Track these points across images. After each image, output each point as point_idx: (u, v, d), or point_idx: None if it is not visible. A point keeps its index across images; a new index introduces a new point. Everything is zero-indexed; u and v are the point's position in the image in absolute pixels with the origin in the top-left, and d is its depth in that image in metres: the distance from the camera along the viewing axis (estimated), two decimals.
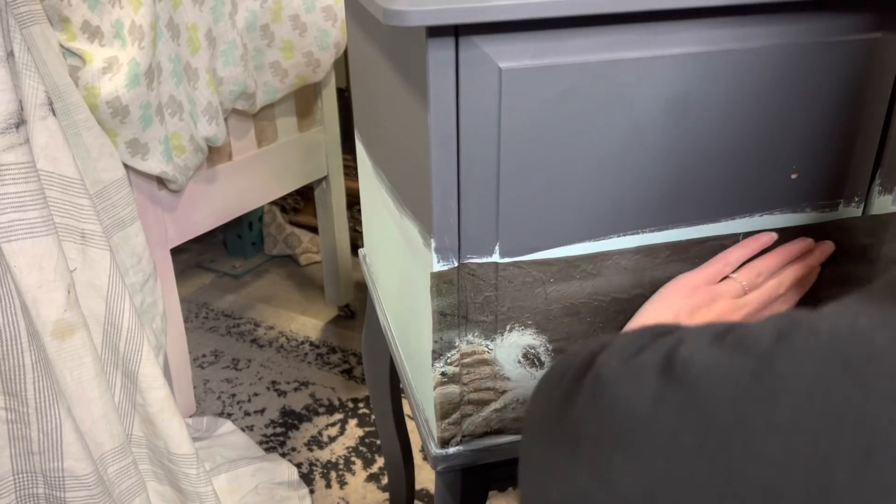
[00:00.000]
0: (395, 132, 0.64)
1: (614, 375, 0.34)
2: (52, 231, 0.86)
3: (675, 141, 0.56)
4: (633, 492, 0.31)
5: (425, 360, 0.62)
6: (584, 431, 0.34)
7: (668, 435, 0.30)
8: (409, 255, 0.65)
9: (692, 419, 0.30)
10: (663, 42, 0.53)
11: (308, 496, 1.23)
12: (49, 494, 0.91)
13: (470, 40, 0.50)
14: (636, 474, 0.31)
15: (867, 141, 0.60)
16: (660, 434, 0.31)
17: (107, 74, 0.99)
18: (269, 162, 1.39)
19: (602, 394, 0.34)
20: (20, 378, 0.84)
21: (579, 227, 0.58)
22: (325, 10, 1.30)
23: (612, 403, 0.33)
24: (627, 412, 0.32)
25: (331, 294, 1.71)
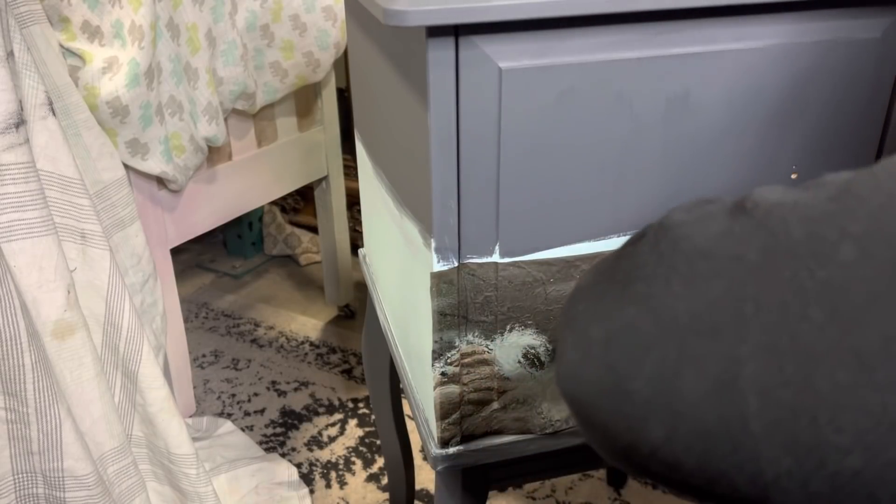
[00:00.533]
0: (395, 132, 0.64)
1: (679, 221, 0.33)
2: (51, 231, 0.86)
3: (675, 141, 0.56)
4: (683, 315, 0.30)
5: (425, 360, 0.62)
6: (639, 273, 0.33)
7: (730, 257, 0.30)
8: (409, 255, 0.65)
9: (759, 240, 0.30)
10: (663, 42, 0.53)
11: (308, 496, 1.23)
12: (49, 494, 0.91)
13: (470, 40, 0.50)
14: (689, 298, 0.30)
15: (867, 141, 0.60)
16: (722, 258, 0.30)
17: (107, 74, 0.99)
18: (269, 162, 1.39)
19: (664, 237, 0.33)
20: (20, 378, 0.84)
21: (579, 227, 0.58)
22: (325, 10, 1.30)
23: (674, 243, 0.33)
24: (690, 247, 0.32)
25: (331, 294, 1.71)
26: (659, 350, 0.31)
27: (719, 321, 0.29)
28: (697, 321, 0.30)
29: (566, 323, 0.37)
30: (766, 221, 0.30)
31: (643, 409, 0.31)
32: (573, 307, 0.37)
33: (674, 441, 0.30)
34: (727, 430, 0.29)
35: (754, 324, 0.28)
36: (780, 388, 0.28)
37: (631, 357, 0.32)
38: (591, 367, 0.33)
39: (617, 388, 0.32)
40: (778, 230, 0.29)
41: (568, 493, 1.24)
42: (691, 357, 0.30)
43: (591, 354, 0.34)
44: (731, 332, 0.29)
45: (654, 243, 0.34)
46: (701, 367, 0.29)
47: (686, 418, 0.30)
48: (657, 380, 0.31)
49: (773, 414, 0.28)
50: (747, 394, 0.28)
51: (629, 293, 0.33)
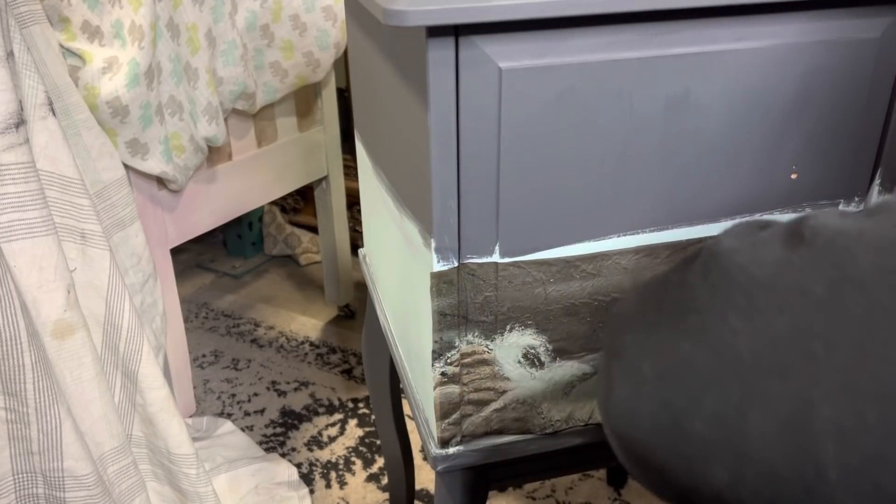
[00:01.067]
0: (395, 132, 0.64)
1: (731, 248, 0.32)
2: (51, 231, 0.86)
3: (675, 141, 0.56)
4: (745, 352, 0.29)
5: (425, 360, 0.62)
6: (691, 305, 0.31)
7: (793, 291, 0.28)
8: (409, 255, 0.65)
9: (823, 272, 0.28)
10: (663, 42, 0.53)
11: (308, 496, 1.23)
12: (49, 494, 0.91)
13: (470, 40, 0.50)
14: (751, 334, 0.29)
15: (867, 140, 0.60)
16: (784, 291, 0.28)
17: (107, 74, 0.99)
18: (269, 162, 1.39)
19: (716, 266, 0.31)
20: (20, 378, 0.84)
21: (579, 227, 0.58)
22: (325, 10, 1.30)
23: (728, 273, 0.31)
24: (746, 278, 0.30)
25: (331, 294, 1.71)
26: (720, 388, 0.29)
27: (787, 360, 0.28)
28: (762, 359, 0.28)
29: (612, 355, 0.35)
30: (828, 252, 0.28)
31: (704, 451, 0.29)
32: (618, 338, 0.35)
33: (740, 485, 0.29)
34: (800, 476, 0.27)
35: (826, 364, 0.27)
36: (861, 433, 0.26)
37: (689, 394, 0.30)
38: (645, 404, 0.32)
39: (674, 427, 0.30)
40: (844, 262, 0.28)
41: (568, 493, 1.24)
42: (758, 397, 0.28)
43: (644, 391, 0.32)
44: (801, 373, 0.27)
45: (704, 272, 0.32)
46: (769, 408, 0.28)
47: (753, 462, 0.28)
48: (719, 420, 0.29)
49: (852, 461, 0.26)
50: (823, 439, 0.27)
51: (682, 326, 0.31)
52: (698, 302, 0.31)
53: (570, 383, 0.64)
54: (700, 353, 0.30)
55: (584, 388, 0.65)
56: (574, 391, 0.64)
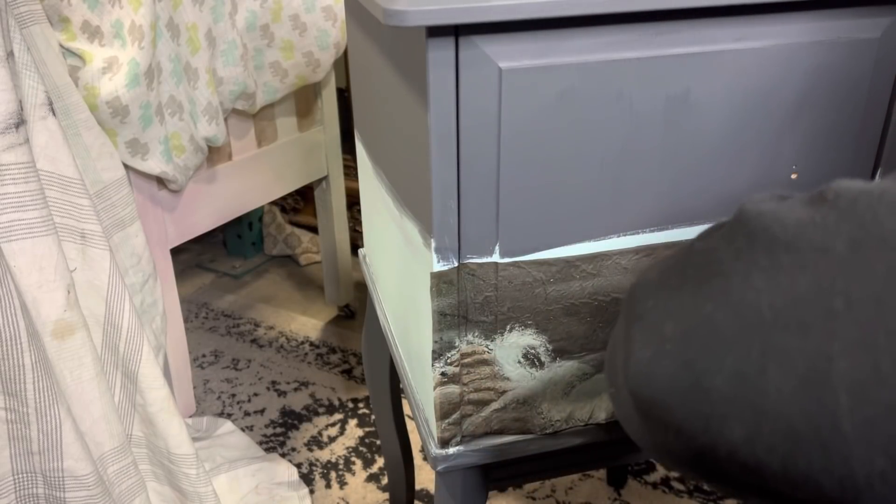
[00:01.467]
0: (395, 132, 0.64)
1: (755, 212, 0.32)
2: (52, 231, 0.86)
3: (675, 141, 0.56)
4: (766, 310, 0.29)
5: (425, 360, 0.62)
6: (715, 268, 0.32)
7: (815, 250, 0.28)
8: (409, 255, 0.65)
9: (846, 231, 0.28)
10: (663, 42, 0.53)
11: (308, 496, 1.23)
12: (49, 494, 0.91)
13: (470, 40, 0.50)
14: (772, 293, 0.29)
15: (867, 140, 0.60)
16: (806, 250, 0.29)
17: (107, 74, 0.99)
18: (269, 162, 1.39)
19: (741, 231, 0.32)
20: (20, 378, 0.84)
21: (579, 227, 0.58)
22: (325, 10, 1.30)
23: (752, 235, 0.31)
24: (769, 239, 0.30)
25: (331, 294, 1.71)
26: (741, 346, 0.29)
27: (807, 317, 0.28)
28: (782, 316, 0.29)
29: (633, 319, 0.35)
30: (851, 211, 0.28)
31: (723, 408, 0.30)
32: (640, 304, 0.35)
33: (755, 441, 0.29)
34: (816, 429, 0.27)
35: (846, 319, 0.27)
36: (876, 386, 0.26)
37: (710, 354, 0.30)
38: (666, 364, 0.32)
39: (695, 385, 0.31)
40: (866, 220, 0.28)
41: (568, 493, 1.24)
42: (777, 353, 0.28)
43: (666, 352, 0.32)
44: (821, 328, 0.28)
45: (729, 237, 0.32)
46: (788, 363, 0.28)
47: (770, 417, 0.28)
48: (739, 377, 0.29)
49: (867, 412, 0.26)
50: (839, 391, 0.27)
51: (705, 288, 0.32)
52: (723, 265, 0.32)
53: (570, 383, 0.64)
54: (722, 314, 0.30)
55: (584, 388, 0.65)
56: (574, 391, 0.64)
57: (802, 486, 0.29)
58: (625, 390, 0.35)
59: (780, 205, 0.31)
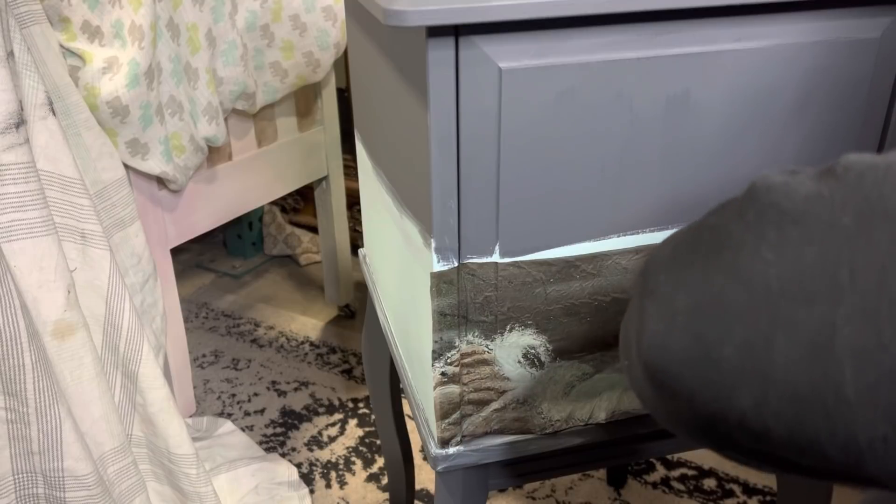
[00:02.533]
0: (395, 132, 0.64)
1: (765, 187, 0.33)
2: (52, 231, 0.86)
3: (675, 141, 0.56)
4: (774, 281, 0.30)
5: (425, 360, 0.62)
6: (725, 242, 0.33)
7: (823, 223, 0.29)
8: (409, 255, 0.65)
9: (852, 205, 0.29)
10: (663, 42, 0.53)
11: (308, 496, 1.23)
12: (49, 494, 0.91)
13: (470, 40, 0.50)
14: (780, 265, 0.30)
15: (867, 140, 0.60)
16: (814, 224, 0.30)
17: (107, 74, 0.99)
18: (269, 162, 1.39)
19: (751, 206, 0.33)
20: (20, 378, 0.84)
21: (579, 227, 0.58)
22: (325, 10, 1.30)
23: (762, 210, 0.32)
24: (778, 213, 0.31)
25: (331, 294, 1.71)
26: (749, 317, 0.30)
27: (813, 287, 0.29)
28: (790, 287, 0.29)
29: (646, 294, 0.36)
30: (858, 186, 0.29)
31: (732, 377, 0.30)
32: (652, 278, 0.36)
33: (763, 408, 0.30)
34: (820, 395, 0.28)
35: (850, 289, 0.28)
36: (878, 352, 0.27)
37: (720, 325, 0.31)
38: (678, 336, 0.33)
39: (705, 356, 0.31)
40: (872, 194, 0.29)
41: (568, 493, 1.24)
42: (784, 323, 0.29)
43: (678, 324, 0.33)
44: (826, 298, 0.28)
45: (740, 212, 0.33)
46: (794, 332, 0.29)
47: (777, 384, 0.29)
48: (747, 346, 0.30)
49: (869, 378, 0.27)
50: (843, 358, 0.28)
51: (716, 262, 0.32)
52: (733, 239, 0.33)
53: (570, 383, 0.64)
54: (732, 286, 0.31)
55: (584, 388, 0.65)
56: (574, 391, 0.64)
57: (808, 452, 0.29)
58: (638, 362, 0.36)
59: (791, 178, 0.32)
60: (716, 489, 1.24)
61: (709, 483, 1.26)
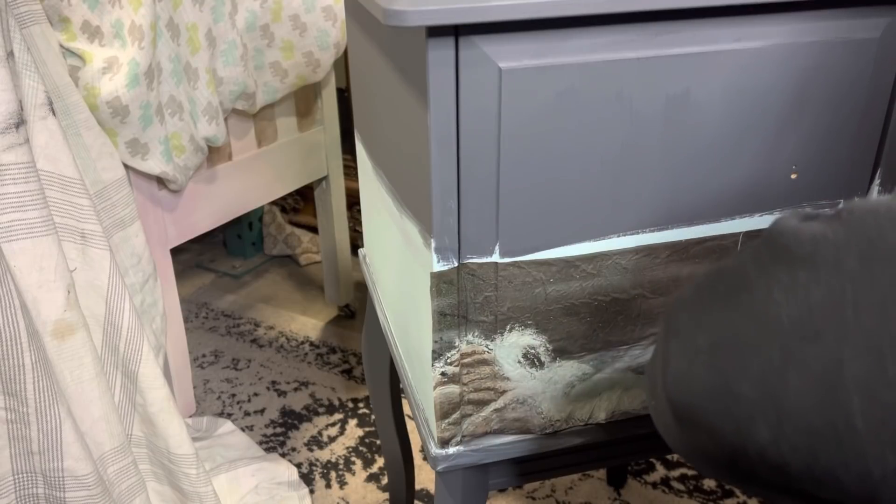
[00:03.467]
0: (395, 132, 0.64)
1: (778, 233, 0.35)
2: (52, 231, 0.86)
3: (675, 141, 0.56)
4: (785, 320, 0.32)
5: (425, 360, 0.62)
6: (741, 284, 0.35)
7: (828, 264, 0.31)
8: (409, 255, 0.65)
9: (855, 246, 0.31)
10: (663, 42, 0.53)
11: (308, 496, 1.23)
12: (49, 494, 0.91)
13: (470, 40, 0.50)
14: (790, 305, 0.32)
15: (867, 140, 0.60)
16: (821, 264, 0.31)
17: (107, 74, 0.99)
18: (269, 162, 1.39)
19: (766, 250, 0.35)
20: (20, 378, 0.84)
21: (579, 227, 0.58)
22: (325, 10, 1.30)
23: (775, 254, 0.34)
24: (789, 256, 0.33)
25: (331, 294, 1.71)
26: (764, 354, 0.32)
27: (820, 325, 0.31)
28: (799, 326, 0.31)
29: (669, 333, 0.39)
30: (860, 227, 0.31)
31: (750, 410, 0.32)
32: (675, 318, 0.39)
33: (780, 440, 0.31)
34: (833, 428, 0.30)
35: (855, 327, 0.30)
36: (884, 388, 0.29)
37: (738, 361, 0.33)
38: (700, 372, 0.35)
39: (726, 390, 0.33)
40: (873, 235, 0.31)
41: (568, 493, 1.24)
42: (795, 359, 0.31)
43: (700, 361, 0.35)
44: (833, 336, 0.30)
45: (756, 256, 0.35)
46: (804, 367, 0.31)
47: (792, 417, 0.31)
48: (763, 382, 0.32)
49: (877, 412, 0.29)
50: (851, 393, 0.29)
51: (733, 303, 0.35)
52: (749, 281, 0.35)
53: (570, 383, 0.64)
54: (747, 325, 0.34)
55: (584, 388, 0.65)
56: (574, 391, 0.64)
57: (825, 484, 0.31)
58: (663, 399, 0.38)
59: (801, 224, 0.34)
60: (716, 489, 1.24)
61: (709, 483, 1.26)
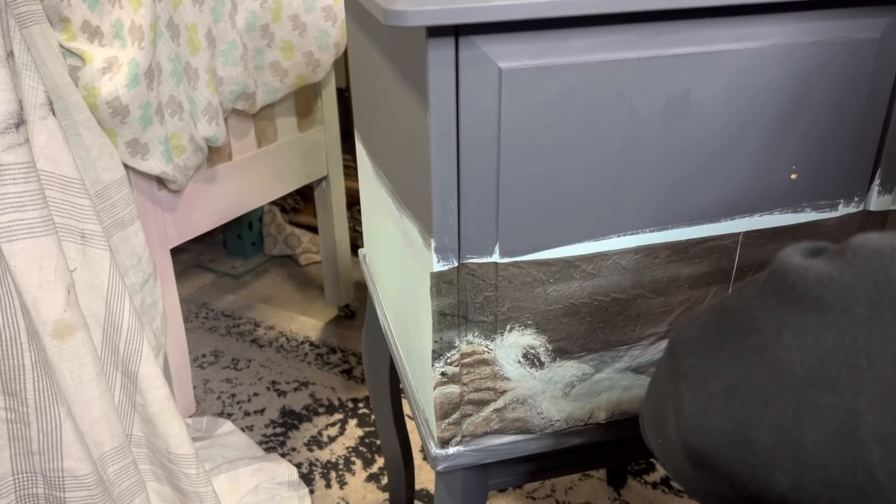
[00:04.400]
0: (395, 132, 0.64)
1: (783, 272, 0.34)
2: (52, 231, 0.86)
3: (675, 141, 0.56)
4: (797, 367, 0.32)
5: (425, 360, 0.62)
6: (750, 326, 0.35)
7: (837, 309, 0.31)
8: (409, 256, 0.65)
9: (864, 292, 0.31)
10: (663, 42, 0.53)
11: (308, 496, 1.23)
12: (49, 494, 0.91)
13: (470, 40, 0.50)
14: (802, 351, 0.32)
15: (867, 141, 0.60)
16: (829, 309, 0.31)
17: (107, 74, 0.99)
18: (269, 162, 1.39)
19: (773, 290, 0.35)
20: (20, 378, 0.84)
21: (579, 227, 0.58)
22: (325, 10, 1.30)
23: (782, 294, 0.34)
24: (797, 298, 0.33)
25: (331, 294, 1.71)
26: (778, 401, 0.32)
27: (834, 374, 0.31)
28: (812, 373, 0.31)
29: (679, 376, 0.38)
30: (866, 270, 0.31)
31: (767, 459, 0.32)
32: (683, 361, 0.38)
33: (800, 490, 0.31)
34: (854, 479, 0.30)
35: (869, 377, 0.30)
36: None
37: (751, 408, 0.33)
38: (714, 419, 0.35)
39: (740, 438, 0.33)
40: (880, 279, 0.31)
41: (568, 493, 1.24)
42: (810, 408, 0.31)
43: (712, 407, 0.35)
44: (847, 385, 0.30)
45: (763, 295, 0.35)
46: (820, 417, 0.31)
47: (810, 467, 0.31)
48: (778, 430, 0.32)
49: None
50: (869, 444, 0.29)
51: (743, 346, 0.34)
52: (757, 323, 0.35)
53: (570, 383, 0.64)
54: (759, 370, 0.33)
55: (584, 388, 0.65)
56: (574, 391, 0.64)
57: None
58: (677, 442, 0.38)
59: (806, 262, 0.34)
60: None
61: None
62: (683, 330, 0.41)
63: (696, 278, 0.62)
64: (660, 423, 0.40)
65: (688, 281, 0.62)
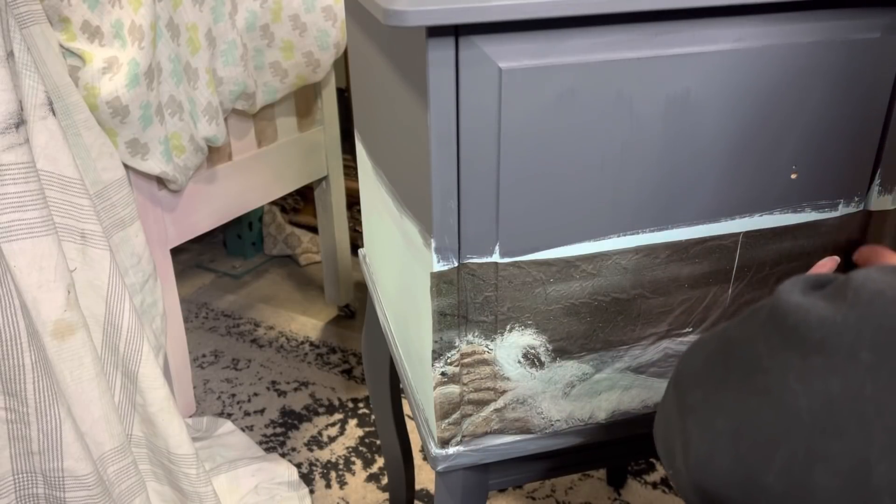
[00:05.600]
0: (395, 132, 0.64)
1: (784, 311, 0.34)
2: (52, 231, 0.86)
3: (675, 141, 0.56)
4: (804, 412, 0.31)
5: (425, 360, 0.62)
6: (756, 364, 0.34)
7: (842, 354, 0.31)
8: (409, 255, 0.65)
9: (868, 337, 0.31)
10: (663, 42, 0.53)
11: (308, 496, 1.23)
12: (49, 494, 0.91)
13: (470, 40, 0.50)
14: (808, 395, 0.31)
15: (867, 140, 0.60)
16: (833, 353, 0.31)
17: (107, 74, 0.99)
18: (269, 162, 1.39)
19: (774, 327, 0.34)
20: (20, 378, 0.84)
21: (579, 227, 0.58)
22: (325, 10, 1.30)
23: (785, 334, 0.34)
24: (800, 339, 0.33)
25: (331, 294, 1.71)
26: (787, 446, 0.32)
27: (842, 421, 0.30)
28: (820, 420, 0.31)
29: (686, 412, 0.38)
30: (869, 313, 0.31)
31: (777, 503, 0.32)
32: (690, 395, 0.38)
33: None
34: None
35: (878, 425, 0.30)
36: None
37: (760, 451, 0.33)
38: (722, 458, 0.35)
39: (749, 480, 0.33)
40: (885, 323, 0.30)
41: (568, 493, 1.24)
42: (820, 455, 0.31)
43: (720, 446, 0.35)
44: (856, 433, 0.30)
45: (766, 333, 0.35)
46: (830, 465, 0.31)
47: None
48: (788, 475, 0.32)
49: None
50: (882, 494, 0.29)
51: (749, 385, 0.34)
52: (762, 362, 0.34)
53: (570, 383, 0.64)
54: (766, 412, 0.33)
55: (584, 388, 0.65)
56: (574, 391, 0.64)
57: None
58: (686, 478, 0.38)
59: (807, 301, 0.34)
60: None
61: None
62: (688, 359, 0.41)
63: (696, 278, 0.62)
64: (670, 449, 0.40)
65: (688, 281, 0.62)
